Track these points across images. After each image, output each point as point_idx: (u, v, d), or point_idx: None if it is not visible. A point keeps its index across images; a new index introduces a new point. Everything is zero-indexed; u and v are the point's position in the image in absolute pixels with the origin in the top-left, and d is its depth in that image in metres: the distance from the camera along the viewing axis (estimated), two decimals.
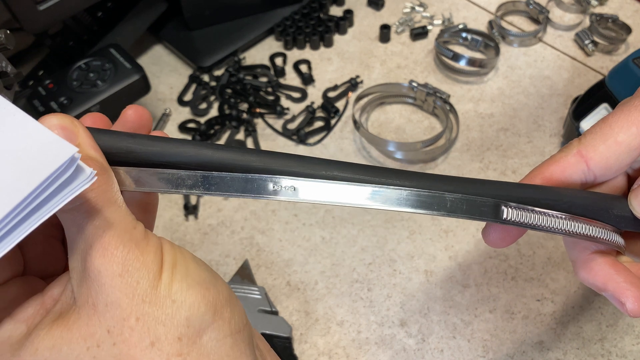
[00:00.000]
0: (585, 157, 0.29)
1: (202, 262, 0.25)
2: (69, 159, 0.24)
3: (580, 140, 0.30)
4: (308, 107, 0.62)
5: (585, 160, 0.29)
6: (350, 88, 0.64)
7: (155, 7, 0.68)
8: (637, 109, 0.28)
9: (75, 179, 0.24)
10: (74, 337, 0.22)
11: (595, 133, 0.29)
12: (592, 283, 0.29)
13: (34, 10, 0.54)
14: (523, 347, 0.45)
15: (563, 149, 0.30)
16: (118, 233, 0.22)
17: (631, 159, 0.29)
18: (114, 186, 0.24)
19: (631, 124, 0.28)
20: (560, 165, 0.30)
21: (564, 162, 0.30)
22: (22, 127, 0.25)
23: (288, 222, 0.54)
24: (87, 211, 0.23)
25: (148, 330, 0.22)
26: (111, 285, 0.22)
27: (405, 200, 0.25)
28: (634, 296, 0.28)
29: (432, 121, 0.61)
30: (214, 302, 0.23)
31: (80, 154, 0.24)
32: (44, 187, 0.23)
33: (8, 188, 0.23)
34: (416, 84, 0.61)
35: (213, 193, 0.25)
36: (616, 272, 0.28)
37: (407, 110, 0.62)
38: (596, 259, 0.29)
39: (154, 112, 0.64)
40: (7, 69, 0.53)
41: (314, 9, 0.71)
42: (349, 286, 0.49)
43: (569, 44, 0.67)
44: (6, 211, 0.22)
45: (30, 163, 0.24)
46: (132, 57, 0.57)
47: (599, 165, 0.29)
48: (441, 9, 0.73)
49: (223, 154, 0.27)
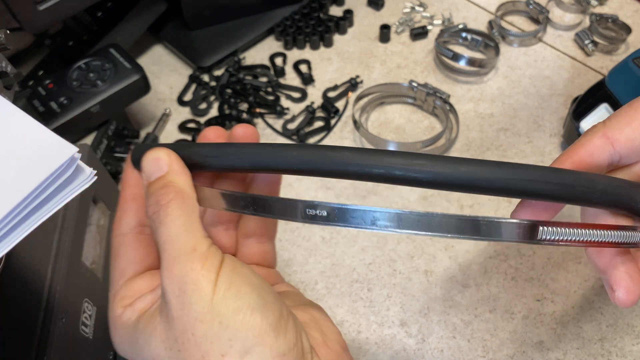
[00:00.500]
0: (611, 138, 0.30)
1: (257, 285, 0.26)
2: (69, 159, 0.24)
3: (605, 123, 0.30)
4: (308, 107, 0.62)
5: (611, 142, 0.30)
6: (350, 88, 0.64)
7: (155, 7, 0.68)
8: None
9: (75, 179, 0.24)
10: (158, 336, 0.26)
11: (620, 116, 0.30)
12: (595, 262, 0.30)
13: (33, 10, 0.54)
14: (523, 347, 0.45)
15: (587, 132, 0.30)
16: (179, 255, 0.25)
17: None
18: (189, 208, 0.27)
19: None
20: (588, 149, 0.30)
21: (590, 145, 0.30)
22: (22, 127, 0.25)
23: (288, 222, 0.54)
24: (158, 229, 0.26)
25: (200, 346, 0.25)
26: (173, 303, 0.25)
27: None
28: (627, 287, 0.28)
29: (432, 121, 0.61)
30: (258, 327, 0.25)
31: (80, 154, 0.24)
32: (45, 187, 0.24)
33: (9, 187, 0.23)
34: (416, 84, 0.61)
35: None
36: (622, 260, 0.29)
37: (407, 110, 0.62)
38: None
39: (154, 112, 0.64)
40: (7, 69, 0.53)
41: (314, 9, 0.71)
42: (349, 286, 0.49)
43: (569, 44, 0.67)
44: (7, 210, 0.22)
45: (30, 163, 0.24)
46: (132, 57, 0.57)
47: (625, 146, 0.30)
48: (441, 9, 0.73)
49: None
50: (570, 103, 0.57)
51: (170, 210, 0.26)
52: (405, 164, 0.26)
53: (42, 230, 0.40)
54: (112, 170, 0.56)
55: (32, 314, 0.36)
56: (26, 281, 0.38)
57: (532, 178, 0.27)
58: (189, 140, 0.61)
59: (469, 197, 0.54)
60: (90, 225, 0.45)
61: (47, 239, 0.40)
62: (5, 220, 0.23)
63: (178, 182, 0.27)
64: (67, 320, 0.37)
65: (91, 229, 0.45)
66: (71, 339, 0.38)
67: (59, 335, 0.36)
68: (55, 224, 0.41)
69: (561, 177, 0.27)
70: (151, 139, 0.60)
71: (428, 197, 0.54)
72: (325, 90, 0.65)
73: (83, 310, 0.41)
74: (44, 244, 0.40)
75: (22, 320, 0.36)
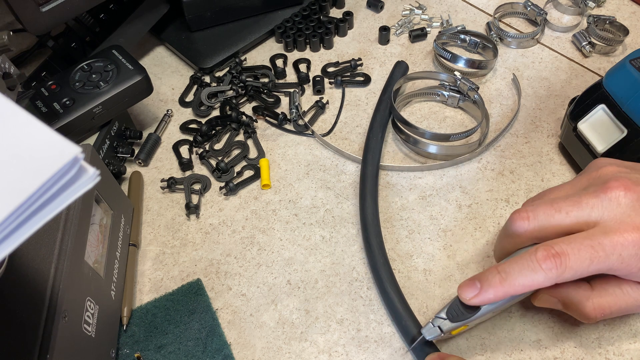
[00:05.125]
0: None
1: None
2: (72, 159, 0.24)
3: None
4: (317, 102, 0.63)
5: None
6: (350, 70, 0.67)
7: (157, 9, 0.68)
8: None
9: (78, 179, 0.25)
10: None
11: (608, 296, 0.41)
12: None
13: (36, 12, 0.54)
14: (521, 346, 0.45)
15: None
16: None
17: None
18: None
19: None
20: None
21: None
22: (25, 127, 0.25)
23: (288, 222, 0.54)
24: None
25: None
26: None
27: None
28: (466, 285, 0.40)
29: (462, 116, 0.61)
30: None
31: (83, 154, 0.24)
32: (48, 187, 0.24)
33: (12, 187, 0.23)
34: (460, 75, 0.61)
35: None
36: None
37: (435, 105, 0.63)
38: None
39: (156, 112, 0.65)
40: (10, 70, 0.53)
41: (314, 10, 0.72)
42: (349, 285, 0.50)
43: (567, 45, 0.68)
44: (10, 210, 0.23)
45: (33, 163, 0.24)
46: (134, 59, 0.57)
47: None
48: (440, 11, 0.73)
49: None
50: (568, 104, 0.57)
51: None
52: None
53: (45, 229, 0.40)
54: (114, 170, 0.56)
55: (35, 313, 0.36)
56: (29, 280, 0.38)
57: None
58: (190, 140, 0.61)
59: (468, 197, 0.55)
60: (93, 224, 0.46)
61: (49, 239, 0.40)
62: (9, 220, 0.23)
63: None
64: (69, 318, 0.38)
65: (94, 229, 0.46)
66: (74, 338, 0.38)
67: (62, 334, 0.37)
68: (58, 223, 0.41)
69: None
70: (153, 140, 0.61)
71: (427, 196, 0.55)
72: (325, 66, 0.67)
73: (85, 309, 0.41)
74: (46, 244, 0.40)
75: (25, 319, 0.36)
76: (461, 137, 0.56)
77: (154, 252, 0.53)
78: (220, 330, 0.48)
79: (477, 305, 0.39)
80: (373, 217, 0.52)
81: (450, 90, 0.61)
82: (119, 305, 0.48)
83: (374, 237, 0.50)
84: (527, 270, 0.37)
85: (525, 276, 0.37)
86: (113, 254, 0.48)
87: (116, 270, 0.48)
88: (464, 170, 0.57)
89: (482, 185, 0.55)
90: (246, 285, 0.50)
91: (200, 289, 0.50)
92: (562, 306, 0.42)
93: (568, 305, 0.41)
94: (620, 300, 0.39)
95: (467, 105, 0.61)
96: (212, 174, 0.58)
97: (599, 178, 0.40)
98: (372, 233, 0.50)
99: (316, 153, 0.59)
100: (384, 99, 0.61)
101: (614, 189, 0.38)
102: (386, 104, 0.60)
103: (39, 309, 0.37)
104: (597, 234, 0.37)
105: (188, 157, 0.60)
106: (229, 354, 0.46)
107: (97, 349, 0.42)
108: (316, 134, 0.61)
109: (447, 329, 0.40)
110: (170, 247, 0.54)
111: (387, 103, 0.60)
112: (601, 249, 0.36)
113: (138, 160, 0.60)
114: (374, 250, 0.49)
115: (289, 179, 0.58)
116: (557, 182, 0.55)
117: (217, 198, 0.57)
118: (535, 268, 0.37)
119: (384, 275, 0.48)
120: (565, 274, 0.37)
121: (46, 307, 0.37)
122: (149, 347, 0.47)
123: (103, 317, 0.44)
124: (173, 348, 0.47)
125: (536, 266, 0.37)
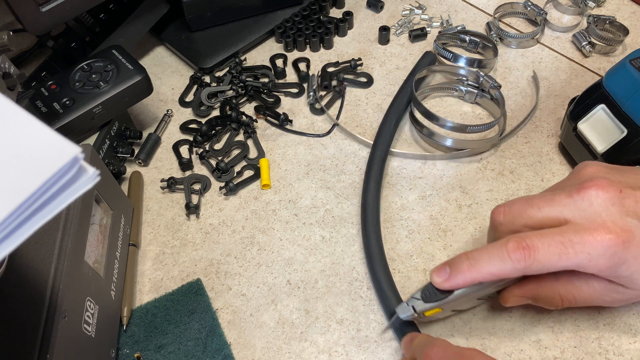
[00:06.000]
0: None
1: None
2: (72, 159, 0.24)
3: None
4: (334, 87, 0.64)
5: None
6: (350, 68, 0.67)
7: (157, 9, 0.68)
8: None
9: (78, 179, 0.25)
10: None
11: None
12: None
13: (36, 12, 0.54)
14: (521, 346, 0.45)
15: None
16: None
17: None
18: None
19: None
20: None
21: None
22: (25, 127, 0.25)
23: (288, 222, 0.54)
24: None
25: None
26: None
27: None
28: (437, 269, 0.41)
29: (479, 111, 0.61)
30: None
31: (83, 154, 0.24)
32: (48, 187, 0.24)
33: (12, 187, 0.23)
34: (483, 74, 0.61)
35: None
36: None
37: (451, 100, 0.63)
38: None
39: (156, 112, 0.65)
40: (10, 70, 0.53)
41: (314, 10, 0.72)
42: (349, 285, 0.50)
43: (567, 45, 0.68)
44: (10, 210, 0.23)
45: (33, 163, 0.24)
46: (134, 59, 0.57)
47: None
48: (440, 11, 0.73)
49: None
50: (568, 104, 0.57)
51: None
52: None
53: (45, 229, 0.40)
54: (114, 170, 0.56)
55: (35, 313, 0.36)
56: (29, 280, 0.38)
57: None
58: (190, 140, 0.61)
59: (467, 197, 0.55)
60: (93, 224, 0.46)
61: (49, 239, 0.40)
62: (9, 220, 0.23)
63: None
64: (69, 318, 0.38)
65: (94, 229, 0.46)
66: (74, 338, 0.38)
67: (62, 334, 0.37)
68: (58, 223, 0.41)
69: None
70: (153, 140, 0.61)
71: (427, 196, 0.55)
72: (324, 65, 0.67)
73: (85, 308, 0.41)
74: (46, 244, 0.40)
75: (25, 319, 0.36)
76: (479, 129, 0.57)
77: (154, 252, 0.53)
78: (220, 330, 0.48)
79: (447, 289, 0.40)
80: (374, 197, 0.53)
81: (469, 86, 0.61)
82: (119, 305, 0.48)
83: (371, 210, 0.52)
84: (496, 259, 0.38)
85: (494, 265, 0.38)
86: (113, 254, 0.48)
87: (116, 270, 0.48)
88: (464, 170, 0.57)
89: (482, 185, 0.55)
90: (246, 285, 0.50)
91: (200, 289, 0.50)
92: (532, 301, 0.43)
93: (537, 299, 0.43)
94: (585, 293, 0.41)
95: (484, 101, 0.61)
96: (212, 174, 0.59)
97: (577, 179, 0.41)
98: (370, 210, 0.52)
99: (316, 153, 0.59)
100: (405, 87, 0.62)
101: (588, 188, 0.39)
102: (406, 92, 0.61)
103: (39, 309, 0.37)
104: (568, 232, 0.38)
105: (188, 157, 0.60)
106: (229, 354, 0.46)
107: (97, 349, 0.42)
108: (330, 116, 0.62)
109: (420, 309, 0.41)
110: (170, 247, 0.54)
111: (407, 91, 0.61)
112: (570, 247, 0.37)
113: (138, 160, 0.60)
114: (368, 228, 0.51)
115: (289, 179, 0.58)
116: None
117: (217, 198, 0.57)
118: (504, 258, 0.38)
119: (373, 240, 0.50)
120: (533, 267, 0.38)
121: (46, 307, 0.37)
122: (149, 347, 0.47)
123: (103, 317, 0.44)
124: (173, 348, 0.47)
125: (505, 256, 0.38)
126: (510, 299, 0.43)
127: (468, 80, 0.62)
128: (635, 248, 0.37)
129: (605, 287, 0.40)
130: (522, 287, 0.43)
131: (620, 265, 0.37)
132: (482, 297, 0.44)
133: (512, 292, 0.43)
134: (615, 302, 0.41)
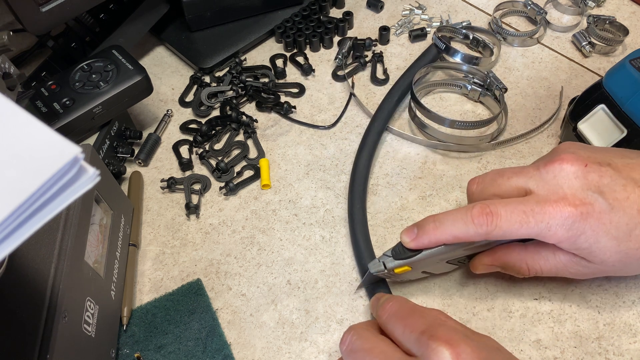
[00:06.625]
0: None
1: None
2: (72, 159, 0.24)
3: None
4: (359, 57, 0.67)
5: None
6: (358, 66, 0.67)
7: (157, 9, 0.68)
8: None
9: (78, 179, 0.25)
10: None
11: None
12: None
13: (36, 12, 0.54)
14: (521, 346, 0.45)
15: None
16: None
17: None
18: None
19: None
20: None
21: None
22: (25, 127, 0.25)
23: (288, 222, 0.54)
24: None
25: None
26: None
27: None
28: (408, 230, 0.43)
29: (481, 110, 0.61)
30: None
31: (83, 154, 0.24)
32: (48, 187, 0.24)
33: (12, 187, 0.23)
34: (492, 73, 0.61)
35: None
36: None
37: (455, 97, 0.64)
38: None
39: (156, 112, 0.65)
40: (10, 70, 0.53)
41: (314, 10, 0.72)
42: (349, 285, 0.50)
43: (567, 45, 0.68)
44: (10, 210, 0.23)
45: (33, 163, 0.24)
46: (134, 59, 0.57)
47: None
48: (440, 11, 0.73)
49: None
50: (568, 104, 0.57)
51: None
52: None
53: (45, 229, 0.40)
54: (114, 170, 0.56)
55: (35, 313, 0.36)
56: (29, 280, 0.38)
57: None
58: (190, 140, 0.61)
59: None
60: (93, 224, 0.46)
61: (49, 239, 0.40)
62: (9, 221, 0.23)
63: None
64: (69, 319, 0.38)
65: (94, 229, 0.46)
66: (74, 338, 0.38)
67: (62, 334, 0.37)
68: (58, 223, 0.41)
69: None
70: (153, 140, 0.61)
71: (427, 196, 0.55)
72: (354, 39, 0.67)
73: (85, 309, 0.41)
74: (46, 244, 0.40)
75: (25, 319, 0.36)
76: (467, 126, 0.57)
77: (154, 252, 0.53)
78: (220, 330, 0.48)
79: (414, 248, 0.42)
80: (364, 167, 0.55)
81: (474, 84, 0.62)
82: (119, 305, 0.48)
83: (358, 185, 0.54)
84: (460, 223, 0.40)
85: (457, 227, 0.40)
86: (113, 254, 0.48)
87: (116, 270, 0.48)
88: (464, 170, 0.57)
89: None
90: (246, 285, 0.50)
91: (200, 289, 0.50)
92: (501, 269, 0.45)
93: (505, 267, 0.44)
94: (551, 264, 0.43)
95: (487, 100, 0.61)
96: (212, 174, 0.59)
97: (551, 154, 0.43)
98: (358, 181, 0.55)
99: (316, 153, 0.59)
100: (412, 69, 0.64)
101: (555, 162, 0.40)
102: (412, 73, 0.63)
103: (39, 309, 0.37)
104: (530, 202, 0.39)
105: (188, 157, 0.60)
106: (229, 354, 0.46)
107: (97, 349, 0.42)
108: (349, 82, 0.64)
109: (390, 266, 0.44)
110: (170, 247, 0.54)
111: (413, 72, 0.63)
112: (532, 216, 0.39)
113: (138, 160, 0.60)
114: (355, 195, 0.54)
115: (289, 179, 0.58)
116: None
117: (217, 198, 0.57)
118: (468, 222, 0.40)
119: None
120: (495, 233, 0.39)
121: (46, 307, 0.37)
122: (149, 347, 0.47)
123: (103, 317, 0.44)
124: (173, 348, 0.47)
125: (469, 220, 0.40)
126: (479, 267, 0.45)
127: (474, 78, 0.62)
128: (594, 220, 0.38)
129: (570, 260, 0.42)
130: (491, 255, 0.44)
131: (578, 236, 0.39)
132: (452, 262, 0.46)
133: (482, 259, 0.45)
134: (580, 274, 0.43)
